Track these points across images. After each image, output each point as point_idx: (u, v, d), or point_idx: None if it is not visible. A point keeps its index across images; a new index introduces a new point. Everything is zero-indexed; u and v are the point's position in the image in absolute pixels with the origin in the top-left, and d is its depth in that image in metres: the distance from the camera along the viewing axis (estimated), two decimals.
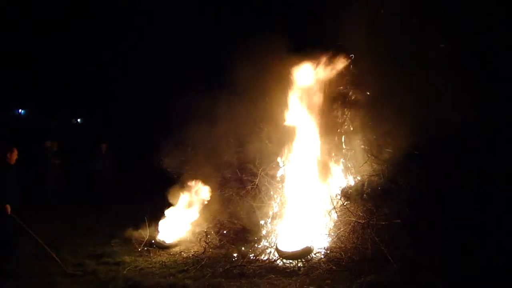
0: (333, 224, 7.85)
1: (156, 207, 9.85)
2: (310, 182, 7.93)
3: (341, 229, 7.63)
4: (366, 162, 8.25)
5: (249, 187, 8.75)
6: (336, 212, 7.92)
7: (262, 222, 8.29)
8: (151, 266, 7.73)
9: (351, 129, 8.68)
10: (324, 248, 7.49)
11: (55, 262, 7.54)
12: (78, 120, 27.64)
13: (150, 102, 18.25)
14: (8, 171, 7.60)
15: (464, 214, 6.94)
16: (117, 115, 20.49)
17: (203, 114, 9.04)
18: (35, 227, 8.76)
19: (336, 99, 8.58)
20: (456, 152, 7.66)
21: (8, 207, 7.46)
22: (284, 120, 8.29)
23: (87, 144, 14.94)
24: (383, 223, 7.29)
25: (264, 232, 8.16)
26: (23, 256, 7.85)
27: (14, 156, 7.73)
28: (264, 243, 7.99)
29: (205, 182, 9.31)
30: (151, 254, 8.40)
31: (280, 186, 8.38)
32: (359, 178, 8.31)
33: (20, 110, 32.68)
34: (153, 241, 8.90)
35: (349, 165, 8.46)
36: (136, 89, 19.70)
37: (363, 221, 7.47)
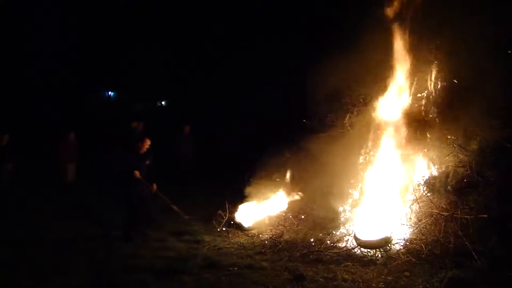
0: (414, 215, 7.62)
1: (237, 188, 10.08)
2: (392, 171, 7.75)
3: (422, 221, 7.40)
4: (451, 152, 7.91)
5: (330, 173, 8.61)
6: (417, 202, 7.69)
7: (341, 209, 8.22)
8: (229, 246, 7.96)
9: (436, 117, 8.35)
10: (404, 239, 7.30)
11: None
12: (163, 102, 28.63)
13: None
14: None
15: None
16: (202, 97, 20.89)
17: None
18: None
19: (422, 86, 8.28)
20: None
21: (137, 172, 8.49)
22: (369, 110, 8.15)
23: (171, 126, 15.44)
24: (468, 217, 6.97)
25: (342, 219, 8.09)
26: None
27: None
28: (342, 230, 7.93)
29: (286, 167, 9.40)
30: (230, 235, 8.63)
31: (361, 174, 8.24)
32: (443, 169, 7.98)
33: (109, 93, 34.31)
34: (232, 222, 9.13)
35: (433, 155, 8.14)
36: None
37: (446, 213, 7.19)
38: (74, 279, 6.30)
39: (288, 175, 9.65)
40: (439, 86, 8.28)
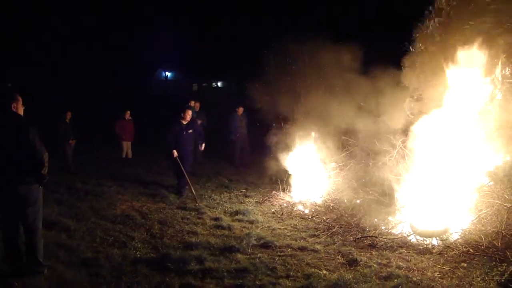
0: (473, 205, 7.36)
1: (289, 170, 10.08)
2: (451, 158, 7.48)
3: (483, 211, 7.14)
4: None
5: (387, 158, 8.43)
6: (478, 192, 7.41)
7: (397, 195, 8.05)
8: (282, 227, 7.99)
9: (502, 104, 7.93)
10: (462, 229, 7.08)
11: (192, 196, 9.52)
12: (218, 83, 28.97)
13: None
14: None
15: None
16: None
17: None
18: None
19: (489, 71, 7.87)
20: None
21: (175, 152, 9.69)
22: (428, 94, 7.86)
23: (225, 106, 15.61)
24: None
25: (398, 205, 7.93)
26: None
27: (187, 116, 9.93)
28: (397, 217, 7.79)
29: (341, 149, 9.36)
30: (284, 216, 8.67)
31: (419, 160, 8.01)
32: (508, 158, 7.62)
33: (166, 73, 35.01)
34: (285, 205, 9.21)
35: (498, 144, 7.76)
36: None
37: (509, 205, 6.89)
38: (132, 252, 6.48)
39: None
40: (508, 71, 7.85)
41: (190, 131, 9.97)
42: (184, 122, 9.90)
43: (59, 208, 8.23)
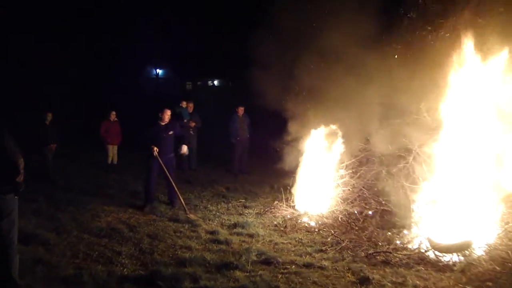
0: (499, 217, 6.82)
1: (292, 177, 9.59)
2: (474, 166, 6.92)
3: (510, 224, 6.61)
4: None
5: (402, 165, 7.91)
6: (504, 202, 6.86)
7: (413, 206, 7.53)
8: (286, 242, 7.50)
9: None
10: (486, 244, 6.52)
11: (182, 206, 8.95)
12: (215, 82, 28.53)
13: None
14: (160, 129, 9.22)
15: None
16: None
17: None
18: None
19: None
20: None
21: (155, 148, 8.98)
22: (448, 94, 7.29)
23: (224, 107, 15.08)
24: None
25: (415, 218, 7.39)
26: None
27: (165, 116, 9.21)
28: (414, 230, 7.25)
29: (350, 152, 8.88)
30: (287, 229, 8.15)
31: (438, 167, 7.47)
32: None
33: (157, 70, 34.41)
34: (288, 216, 8.72)
35: None
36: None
37: None
38: (119, 269, 6.04)
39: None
40: None
41: (171, 132, 9.35)
42: (162, 123, 9.29)
43: (37, 220, 7.78)
